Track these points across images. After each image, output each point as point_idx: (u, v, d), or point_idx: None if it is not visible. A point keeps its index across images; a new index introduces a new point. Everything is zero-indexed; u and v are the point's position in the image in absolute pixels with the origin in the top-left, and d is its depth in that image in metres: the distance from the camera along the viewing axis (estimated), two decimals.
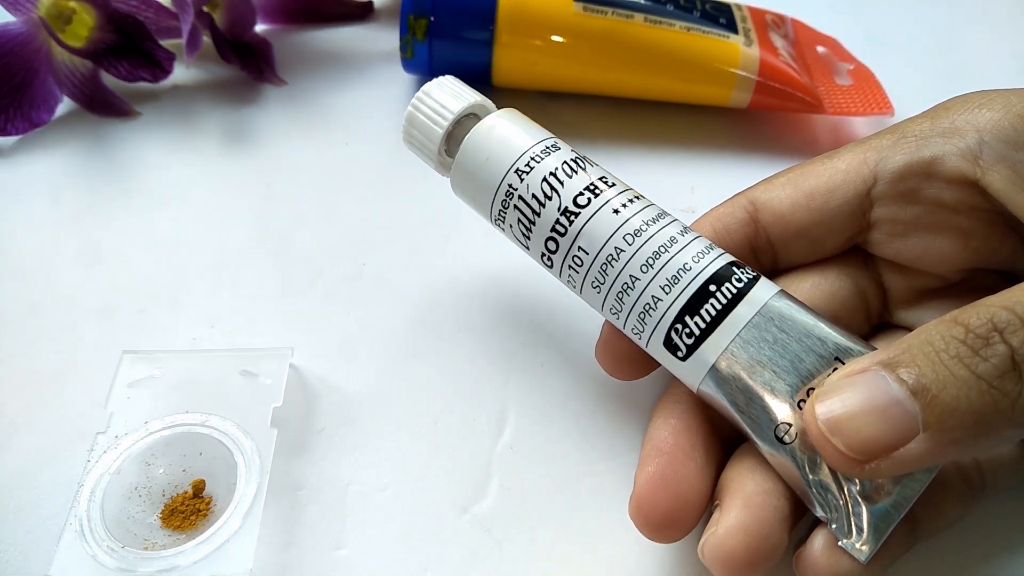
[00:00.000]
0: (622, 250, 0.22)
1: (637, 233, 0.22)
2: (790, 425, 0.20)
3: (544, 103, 0.38)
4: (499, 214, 0.24)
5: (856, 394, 0.18)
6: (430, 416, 0.26)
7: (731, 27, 0.36)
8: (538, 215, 0.23)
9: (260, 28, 0.41)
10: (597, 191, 0.23)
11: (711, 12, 0.37)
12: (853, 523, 0.19)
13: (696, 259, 0.22)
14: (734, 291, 0.21)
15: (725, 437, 0.23)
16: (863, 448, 0.18)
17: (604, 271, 0.22)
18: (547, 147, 0.24)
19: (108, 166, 0.34)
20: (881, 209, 0.24)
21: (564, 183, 0.23)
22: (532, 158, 0.23)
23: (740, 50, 0.36)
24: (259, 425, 0.24)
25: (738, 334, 0.21)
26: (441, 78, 0.26)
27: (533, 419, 0.26)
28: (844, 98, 0.37)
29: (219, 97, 0.38)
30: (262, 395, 0.25)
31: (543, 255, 0.24)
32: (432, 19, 0.35)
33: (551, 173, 0.23)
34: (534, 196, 0.23)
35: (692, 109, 0.38)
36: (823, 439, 0.18)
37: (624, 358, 0.24)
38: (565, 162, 0.23)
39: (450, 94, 0.25)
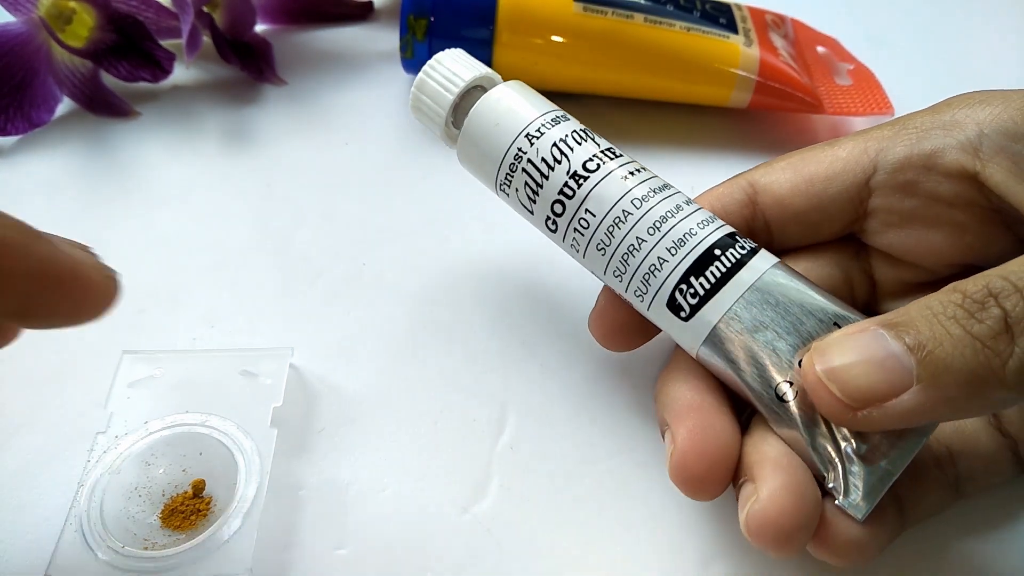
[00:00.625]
0: (630, 213, 0.22)
1: (645, 199, 0.23)
2: (791, 384, 0.20)
3: None
4: (506, 178, 0.24)
5: (855, 347, 0.19)
6: (430, 416, 0.26)
7: (731, 27, 0.36)
8: (546, 178, 0.23)
9: (260, 28, 0.41)
10: (605, 159, 0.23)
11: (711, 12, 0.37)
12: (850, 482, 0.20)
13: (701, 226, 0.22)
14: (737, 256, 0.22)
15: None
16: (857, 395, 0.18)
17: (611, 233, 0.23)
18: (556, 117, 0.24)
19: (108, 166, 0.34)
20: (879, 199, 0.24)
21: (574, 149, 0.23)
22: (543, 124, 0.24)
23: (740, 50, 0.36)
24: (259, 425, 0.24)
25: (741, 295, 0.21)
26: (451, 50, 0.26)
27: (533, 419, 0.26)
28: (844, 98, 0.37)
29: (219, 97, 0.38)
30: (262, 395, 0.25)
31: (548, 219, 0.24)
32: (432, 19, 0.35)
33: (561, 139, 0.24)
34: (543, 160, 0.23)
35: (692, 109, 0.38)
36: (820, 385, 0.19)
37: (617, 328, 0.25)
38: (574, 131, 0.24)
39: (462, 63, 0.26)
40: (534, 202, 0.24)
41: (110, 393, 0.25)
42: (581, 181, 0.23)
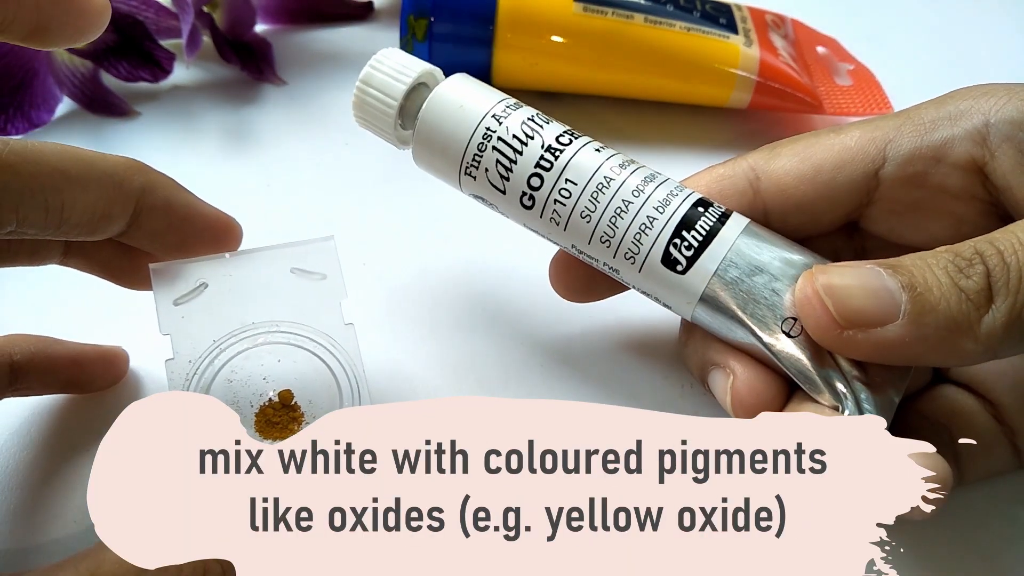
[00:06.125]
0: (611, 179, 0.23)
1: (623, 166, 0.23)
2: (795, 320, 0.21)
3: (544, 103, 0.37)
4: (473, 159, 0.24)
5: (854, 274, 0.20)
6: None
7: (731, 27, 0.36)
8: (520, 153, 0.24)
9: (260, 28, 0.41)
10: (575, 135, 0.24)
11: (711, 12, 0.37)
12: (864, 409, 0.21)
13: (678, 190, 0.23)
14: (718, 214, 0.23)
15: None
16: (848, 315, 0.20)
17: (595, 199, 0.23)
18: (516, 103, 0.25)
19: None
20: (886, 189, 0.24)
21: (543, 127, 0.24)
22: (506, 107, 0.24)
23: (740, 50, 0.36)
24: (333, 324, 0.23)
25: (734, 243, 0.22)
26: (392, 48, 0.26)
27: None
28: (844, 98, 0.37)
29: (219, 97, 0.38)
30: (323, 292, 0.24)
31: (524, 195, 0.24)
32: (432, 19, 0.35)
33: (529, 118, 0.24)
34: (515, 137, 0.24)
35: (692, 109, 0.38)
36: (816, 298, 0.20)
37: (585, 279, 0.26)
38: (537, 114, 0.25)
39: (407, 59, 0.25)
40: (507, 180, 0.24)
41: (158, 315, 0.23)
42: (557, 153, 0.23)
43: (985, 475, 0.24)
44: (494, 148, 0.24)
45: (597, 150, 0.24)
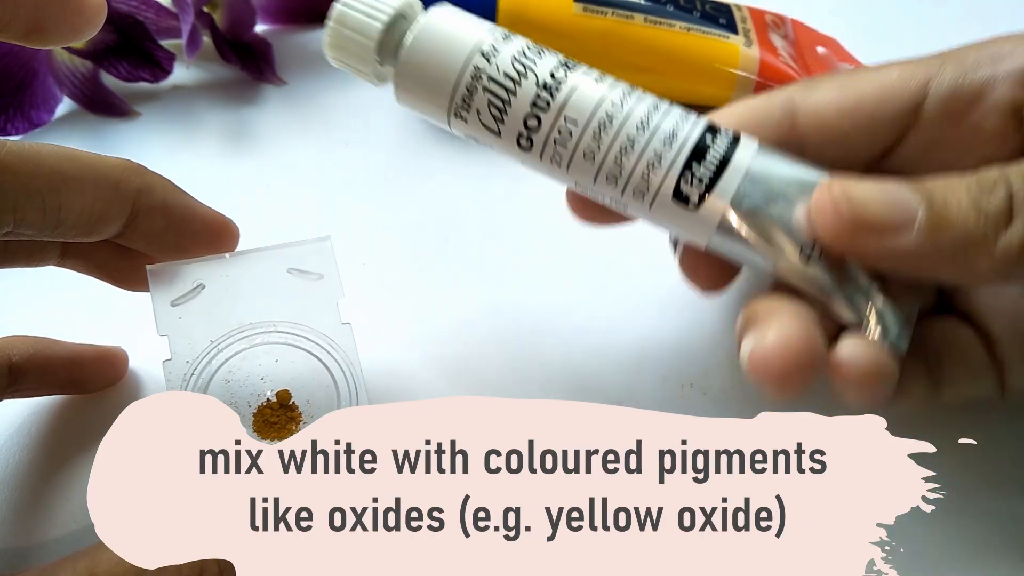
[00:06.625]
0: (613, 116, 0.22)
1: (624, 99, 0.22)
2: (813, 243, 0.21)
3: None
4: (463, 102, 0.23)
5: (875, 185, 0.21)
6: None
7: (731, 27, 0.36)
8: (514, 94, 0.22)
9: (260, 28, 0.41)
10: (571, 66, 0.23)
11: (711, 12, 0.37)
12: (887, 321, 0.21)
13: (684, 119, 0.22)
14: (728, 141, 0.22)
15: None
16: (865, 218, 0.20)
17: (598, 137, 0.22)
18: (505, 34, 0.23)
19: None
20: (923, 125, 0.23)
21: (536, 61, 0.22)
22: (495, 40, 0.23)
23: (740, 51, 0.36)
24: (331, 324, 0.23)
25: (746, 173, 0.21)
26: None
27: None
28: None
29: (219, 97, 0.38)
30: (320, 292, 0.24)
31: (521, 136, 0.22)
32: None
33: (520, 52, 0.23)
34: (506, 75, 0.22)
35: (692, 109, 0.37)
36: (832, 203, 0.20)
37: (596, 206, 0.24)
38: (528, 45, 0.23)
39: None
40: (502, 121, 0.22)
41: (156, 316, 0.23)
42: (554, 91, 0.22)
43: (965, 398, 0.24)
44: (485, 89, 0.22)
45: (597, 81, 0.23)
